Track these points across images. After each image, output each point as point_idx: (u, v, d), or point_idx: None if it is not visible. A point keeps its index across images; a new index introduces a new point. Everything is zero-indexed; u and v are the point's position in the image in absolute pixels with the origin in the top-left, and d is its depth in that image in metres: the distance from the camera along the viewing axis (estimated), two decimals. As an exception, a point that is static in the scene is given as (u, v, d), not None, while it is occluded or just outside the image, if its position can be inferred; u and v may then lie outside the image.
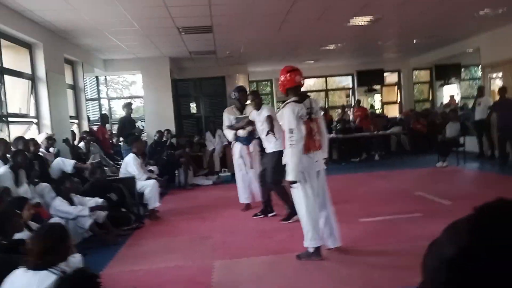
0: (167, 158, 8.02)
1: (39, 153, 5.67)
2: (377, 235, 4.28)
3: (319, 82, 14.57)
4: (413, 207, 5.26)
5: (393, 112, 14.11)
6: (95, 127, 8.77)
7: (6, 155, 4.88)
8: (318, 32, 8.49)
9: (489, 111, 8.56)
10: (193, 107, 11.13)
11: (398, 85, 14.39)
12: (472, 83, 13.57)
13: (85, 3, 5.79)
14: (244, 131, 5.57)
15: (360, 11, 7.02)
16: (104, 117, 8.60)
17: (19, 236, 3.28)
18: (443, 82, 12.67)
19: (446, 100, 12.72)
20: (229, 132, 5.74)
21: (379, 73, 13.22)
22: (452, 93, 12.82)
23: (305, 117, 3.57)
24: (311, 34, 8.69)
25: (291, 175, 3.52)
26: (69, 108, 7.88)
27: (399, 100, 14.44)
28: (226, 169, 8.87)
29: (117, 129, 8.41)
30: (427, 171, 8.16)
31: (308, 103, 3.64)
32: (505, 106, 8.09)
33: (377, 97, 14.76)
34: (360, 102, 12.90)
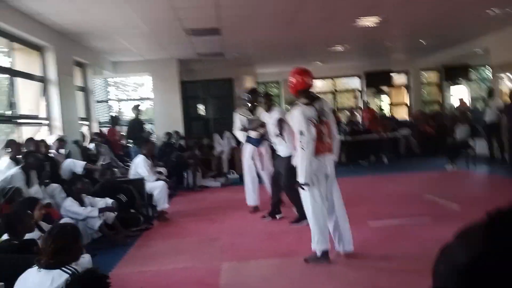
0: (176, 160, 8.06)
1: (50, 154, 5.74)
2: (385, 238, 4.26)
3: (327, 83, 14.53)
4: (422, 210, 5.23)
5: (401, 113, 14.03)
6: (105, 128, 8.84)
7: (17, 156, 4.96)
8: (325, 33, 8.49)
9: (499, 113, 8.47)
10: (201, 108, 11.17)
11: (407, 86, 14.31)
12: (481, 84, 13.43)
13: (95, 6, 5.85)
14: (256, 132, 5.58)
15: (367, 11, 7.01)
16: (114, 119, 8.67)
17: (30, 236, 3.33)
18: (451, 82, 12.56)
19: (455, 101, 12.62)
20: (240, 134, 5.75)
21: (387, 75, 13.16)
22: (461, 94, 12.70)
23: (315, 119, 3.56)
24: (318, 35, 8.69)
25: (302, 177, 3.52)
26: (79, 110, 7.98)
27: (407, 101, 14.35)
28: (234, 171, 8.89)
29: (127, 131, 8.47)
30: (436, 174, 8.09)
31: (318, 105, 3.62)
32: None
33: (385, 98, 14.68)
34: (368, 103, 12.84)
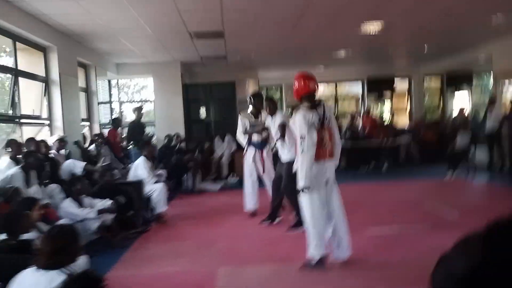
0: (176, 162, 8.07)
1: (50, 155, 5.76)
2: (383, 246, 4.25)
3: (328, 88, 14.54)
4: (421, 218, 5.23)
5: (403, 120, 14.02)
6: (106, 130, 8.86)
7: (17, 155, 4.97)
8: (328, 38, 8.50)
9: (500, 122, 8.46)
10: (203, 111, 11.19)
11: (409, 92, 14.30)
12: (483, 90, 13.41)
13: (99, 8, 5.88)
14: (259, 136, 5.59)
15: (370, 17, 7.02)
16: (116, 121, 8.69)
17: (28, 236, 3.34)
18: (454, 89, 12.55)
19: (457, 108, 12.59)
20: (243, 137, 5.76)
21: (389, 80, 13.17)
22: (463, 102, 12.68)
23: (317, 124, 3.57)
24: (321, 40, 8.71)
25: (302, 181, 3.53)
26: (81, 111, 8.00)
27: (409, 108, 14.35)
28: (234, 174, 8.89)
29: (127, 133, 8.48)
30: (436, 182, 8.07)
31: (321, 110, 3.62)
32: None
33: (387, 104, 14.68)
34: (369, 109, 12.84)
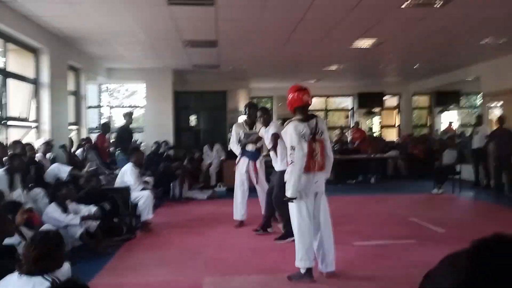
0: (163, 170, 8.00)
1: (35, 158, 5.66)
2: (369, 259, 4.26)
3: (319, 102, 14.66)
4: (407, 233, 5.25)
5: (391, 135, 14.17)
6: (94, 134, 8.76)
7: (2, 158, 4.88)
8: (321, 52, 8.60)
9: (486, 140, 8.61)
10: (192, 119, 11.16)
11: (398, 109, 14.49)
12: (471, 111, 13.68)
13: (92, 11, 5.86)
14: (254, 146, 5.59)
15: (363, 34, 7.12)
16: (105, 126, 8.61)
17: (10, 241, 3.26)
18: (442, 108, 12.77)
19: (445, 126, 12.80)
20: (236, 147, 5.75)
21: (379, 96, 13.35)
22: (451, 120, 12.91)
23: (308, 136, 3.58)
24: (314, 54, 8.80)
25: (290, 191, 3.55)
26: (69, 115, 7.91)
27: (397, 124, 14.53)
28: (222, 183, 8.85)
29: (115, 139, 8.38)
30: (422, 197, 8.15)
31: (313, 123, 3.65)
32: (502, 135, 8.14)
33: (376, 119, 14.84)
34: (358, 123, 12.96)
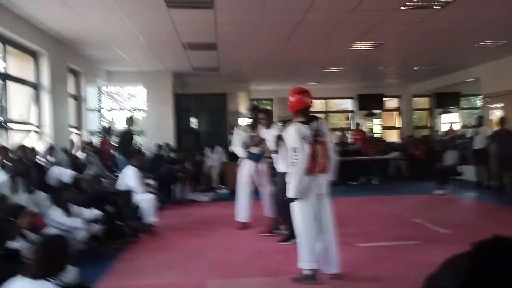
0: (165, 172, 7.99)
1: (37, 161, 5.65)
2: (373, 261, 4.25)
3: (319, 103, 14.68)
4: (409, 234, 5.24)
5: (392, 137, 14.19)
6: (95, 137, 8.76)
7: (4, 162, 4.87)
8: (321, 54, 8.61)
9: (487, 141, 8.61)
10: (193, 122, 11.16)
11: (398, 110, 14.51)
12: (471, 112, 13.70)
13: (92, 14, 5.87)
14: (257, 149, 5.59)
15: (362, 36, 7.14)
16: (107, 129, 8.63)
17: (14, 244, 3.25)
18: (442, 110, 12.79)
19: (445, 127, 12.82)
20: (239, 149, 5.75)
21: (379, 98, 13.39)
22: (451, 121, 12.92)
23: (310, 138, 3.59)
24: (314, 56, 8.81)
25: (291, 192, 3.57)
26: (70, 118, 7.91)
27: (398, 125, 14.54)
28: (224, 186, 8.84)
29: (118, 143, 8.35)
30: (424, 198, 8.14)
31: (315, 125, 3.66)
32: (503, 136, 8.14)
33: (376, 121, 14.87)
34: (359, 125, 12.98)
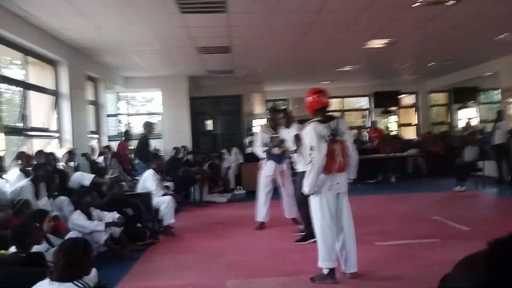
0: (183, 175, 8.09)
1: (59, 167, 5.80)
2: (392, 259, 4.22)
3: (334, 102, 14.59)
4: (429, 231, 5.18)
5: (409, 134, 13.99)
6: (114, 142, 8.93)
7: (27, 168, 5.02)
8: (334, 53, 8.58)
9: (508, 136, 8.43)
10: (209, 124, 11.25)
11: (415, 107, 14.31)
12: (490, 107, 13.40)
13: (109, 23, 6.00)
14: (279, 149, 5.62)
15: (376, 34, 7.08)
16: (125, 133, 8.81)
17: (38, 248, 3.35)
18: (460, 105, 12.56)
19: (463, 123, 12.58)
20: (260, 150, 5.79)
21: (395, 95, 13.22)
22: (470, 116, 12.67)
23: (328, 137, 3.61)
24: (328, 55, 8.78)
25: (307, 188, 3.62)
26: (89, 124, 8.08)
27: (416, 122, 14.33)
28: (241, 187, 8.88)
29: (136, 148, 8.45)
30: (444, 195, 8.01)
31: (333, 124, 3.67)
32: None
33: (393, 118, 14.68)
34: (375, 123, 12.84)
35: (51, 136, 6.81)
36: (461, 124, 12.91)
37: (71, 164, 6.23)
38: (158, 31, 6.53)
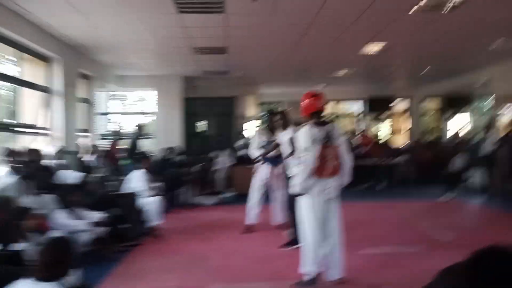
0: (172, 176, 8.05)
1: (47, 164, 5.75)
2: (377, 266, 4.24)
3: (328, 106, 14.62)
4: (415, 239, 5.21)
5: (400, 140, 14.06)
6: (105, 141, 8.87)
7: (15, 164, 4.97)
8: (330, 57, 8.61)
9: (496, 145, 8.48)
10: (202, 125, 11.24)
11: (408, 113, 14.38)
12: (481, 115, 13.48)
13: (105, 20, 5.98)
14: (275, 152, 5.62)
15: (372, 39, 7.11)
16: (117, 133, 8.75)
17: (19, 246, 3.32)
18: (452, 112, 12.62)
19: (453, 131, 12.63)
20: (257, 152, 5.79)
21: (388, 101, 13.29)
22: (461, 124, 12.73)
23: (321, 141, 3.61)
24: (323, 59, 8.81)
25: (297, 188, 3.66)
26: (80, 122, 8.03)
27: (407, 128, 14.41)
28: (231, 189, 8.86)
29: (128, 148, 8.36)
30: (431, 203, 8.03)
31: (328, 129, 3.70)
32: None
33: (385, 124, 14.75)
34: (367, 128, 12.88)
35: (41, 133, 6.76)
36: (452, 132, 12.97)
37: (59, 161, 6.18)
38: (155, 30, 6.52)
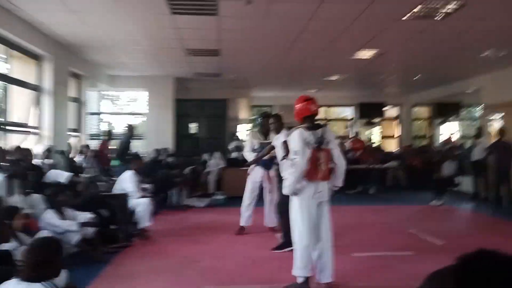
0: (162, 177, 7.99)
1: (35, 164, 5.67)
2: (367, 270, 4.24)
3: (320, 111, 14.69)
4: (405, 244, 5.24)
5: (391, 146, 14.17)
6: (95, 141, 8.78)
7: (2, 163, 4.89)
8: (322, 62, 8.65)
9: (486, 152, 8.59)
10: (193, 127, 11.19)
11: (398, 119, 14.51)
12: (471, 122, 13.67)
13: (97, 19, 5.93)
14: (268, 155, 5.61)
15: (365, 45, 7.17)
16: (108, 133, 8.67)
17: (7, 246, 3.26)
18: (442, 119, 12.78)
19: (444, 137, 12.79)
20: (250, 155, 5.78)
21: (379, 107, 13.39)
22: (451, 131, 12.90)
23: (313, 145, 3.62)
24: (315, 64, 8.85)
25: (287, 189, 3.66)
26: (70, 121, 7.94)
27: (398, 134, 14.53)
28: (222, 191, 8.83)
29: (118, 149, 8.29)
30: (421, 208, 8.12)
31: (320, 132, 3.70)
32: (501, 148, 8.12)
33: (376, 130, 14.86)
34: (358, 134, 12.97)
35: (30, 131, 6.66)
36: (442, 138, 13.12)
37: (48, 161, 6.10)
38: (147, 30, 6.48)
